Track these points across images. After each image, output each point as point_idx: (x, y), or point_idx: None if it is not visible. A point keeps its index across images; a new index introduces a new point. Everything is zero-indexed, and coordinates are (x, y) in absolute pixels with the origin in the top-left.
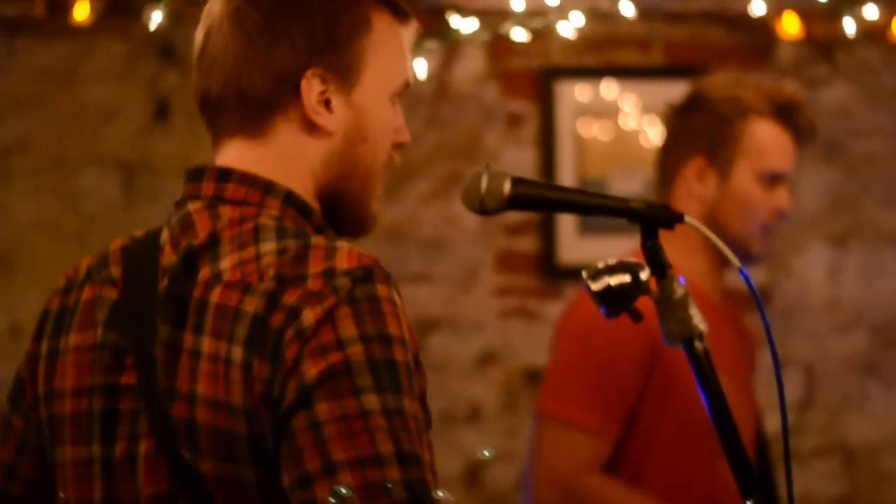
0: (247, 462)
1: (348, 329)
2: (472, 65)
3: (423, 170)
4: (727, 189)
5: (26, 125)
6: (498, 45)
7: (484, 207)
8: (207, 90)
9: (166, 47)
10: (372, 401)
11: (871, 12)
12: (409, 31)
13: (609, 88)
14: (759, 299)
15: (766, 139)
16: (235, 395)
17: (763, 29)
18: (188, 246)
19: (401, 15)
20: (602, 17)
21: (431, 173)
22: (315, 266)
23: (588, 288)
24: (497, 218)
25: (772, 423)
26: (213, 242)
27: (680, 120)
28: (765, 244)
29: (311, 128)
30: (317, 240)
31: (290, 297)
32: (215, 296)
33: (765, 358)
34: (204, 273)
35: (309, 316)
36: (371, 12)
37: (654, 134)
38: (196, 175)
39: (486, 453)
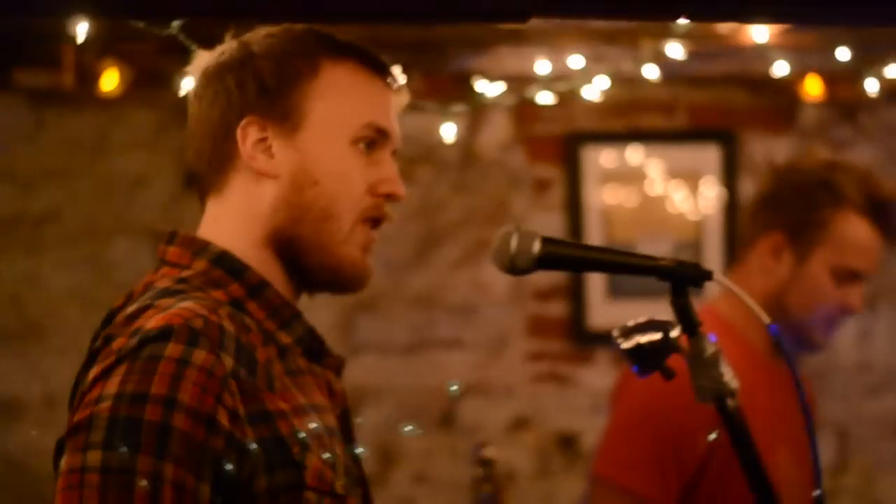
0: None
1: (111, 387)
2: (498, 130)
3: (452, 235)
4: (800, 273)
5: (57, 195)
6: (523, 111)
7: (514, 267)
8: (188, 165)
9: None
10: (93, 457)
11: (893, 72)
12: (388, 85)
13: (634, 153)
14: (790, 358)
15: (853, 235)
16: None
17: (787, 91)
18: (111, 308)
19: (371, 64)
20: (626, 81)
21: (460, 239)
22: (134, 325)
23: (619, 346)
24: (526, 283)
25: None
26: (125, 304)
27: (772, 189)
28: (826, 335)
29: (257, 175)
30: (166, 301)
31: (101, 356)
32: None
33: None
34: (104, 332)
35: (93, 372)
36: (320, 60)
37: (679, 198)
38: (160, 238)
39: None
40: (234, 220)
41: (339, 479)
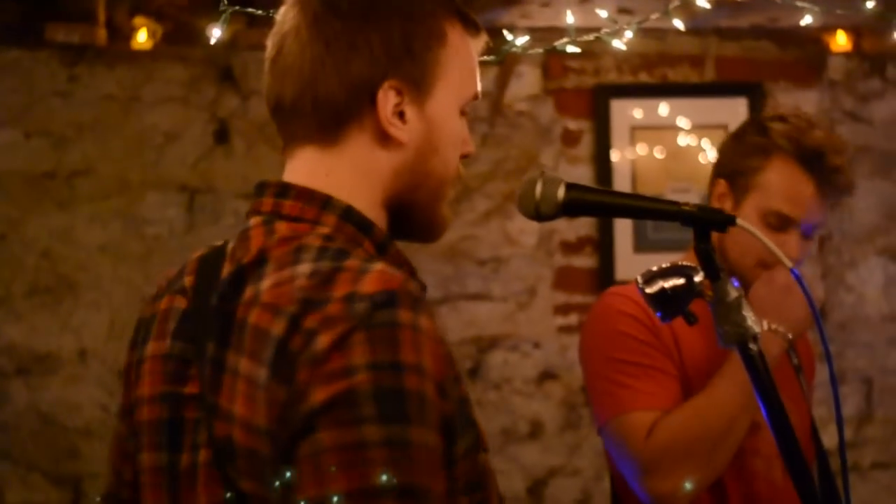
0: (271, 483)
1: (359, 356)
2: (527, 84)
3: (481, 188)
4: None
5: (90, 150)
6: (553, 64)
7: (539, 213)
8: (281, 96)
9: (226, 71)
10: (372, 432)
11: None
12: (479, 44)
13: (663, 106)
14: (812, 303)
15: (781, 180)
16: (260, 417)
17: (814, 43)
18: (238, 263)
19: (471, 27)
20: (654, 33)
21: (489, 192)
22: (340, 290)
23: (643, 291)
24: (554, 235)
25: (833, 437)
26: (260, 261)
27: (723, 140)
28: None
29: (385, 139)
30: (351, 262)
31: (310, 321)
32: (253, 316)
33: (823, 371)
34: (248, 292)
35: (322, 341)
36: (445, 24)
37: (707, 151)
38: (259, 189)
39: None
40: (353, 177)
41: (486, 436)
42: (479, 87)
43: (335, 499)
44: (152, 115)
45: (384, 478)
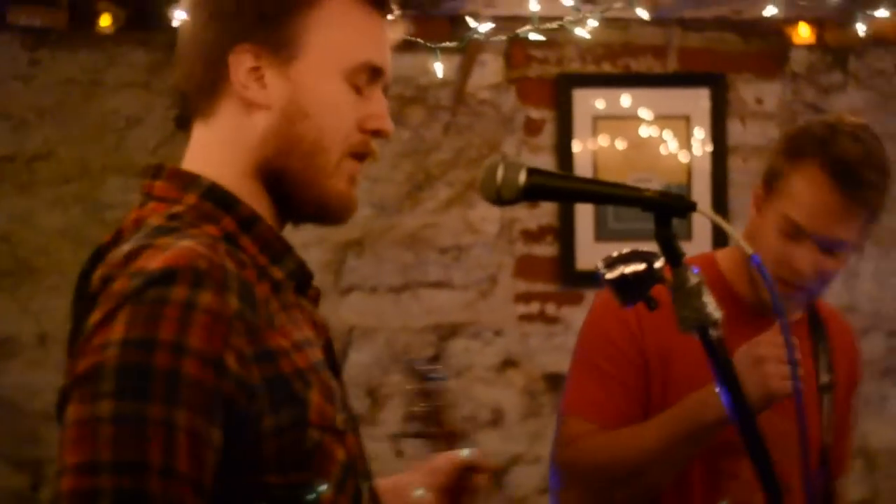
0: None
1: (116, 332)
2: (490, 72)
3: (442, 177)
4: (756, 223)
5: (50, 134)
6: (515, 53)
7: (500, 198)
8: (177, 85)
9: None
10: (105, 407)
11: (882, 16)
12: (385, 20)
13: (625, 96)
14: (773, 290)
15: (802, 189)
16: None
17: (777, 35)
18: (98, 244)
19: (373, 1)
20: (617, 23)
21: (450, 180)
22: (133, 266)
23: (602, 276)
24: (516, 224)
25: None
26: (115, 241)
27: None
28: (787, 296)
29: (247, 104)
30: (163, 240)
31: (101, 297)
32: (89, 295)
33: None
34: (96, 271)
35: (95, 315)
36: None
37: (669, 141)
38: (144, 172)
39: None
40: (222, 148)
41: (339, 414)
42: (373, 57)
43: (64, 472)
44: (114, 100)
45: (105, 453)
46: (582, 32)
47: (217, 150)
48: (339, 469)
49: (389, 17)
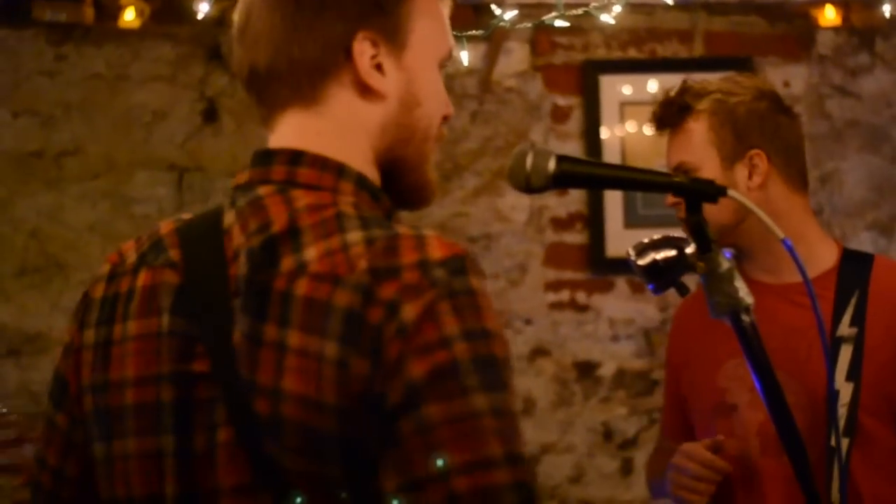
0: (334, 460)
1: (450, 325)
2: (516, 60)
3: (471, 166)
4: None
5: (78, 130)
6: (541, 40)
7: (530, 185)
8: (255, 64)
9: (214, 49)
10: (480, 401)
11: None
12: (447, 4)
13: (652, 81)
14: (804, 271)
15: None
16: (328, 393)
17: (803, 18)
18: (266, 232)
19: None
20: (642, 8)
21: (478, 169)
22: (408, 257)
23: (634, 263)
24: (545, 212)
25: None
26: (293, 230)
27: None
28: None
29: (366, 92)
30: (403, 229)
31: (386, 291)
32: (301, 288)
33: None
34: (287, 263)
35: (409, 311)
36: None
37: None
38: (265, 158)
39: None
40: (342, 136)
41: None
42: (452, 45)
43: (453, 472)
44: (140, 94)
45: (496, 448)
46: (607, 18)
47: (337, 136)
48: None
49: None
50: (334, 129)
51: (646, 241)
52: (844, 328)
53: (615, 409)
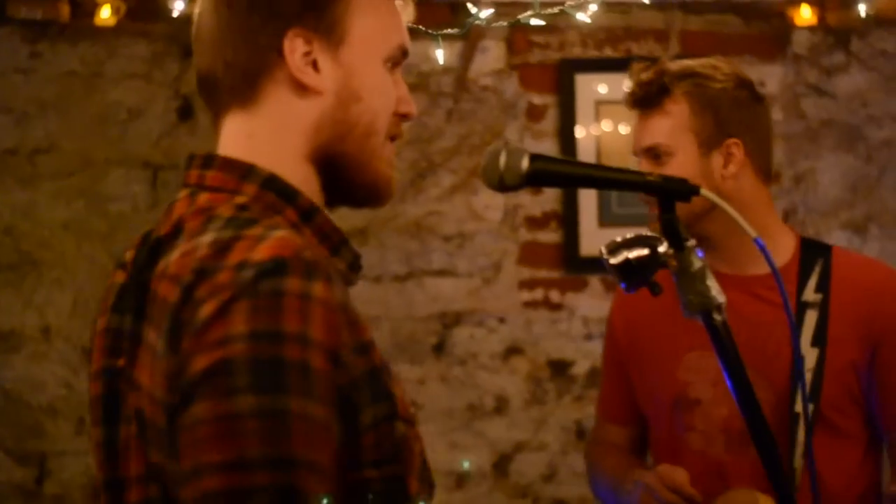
0: (170, 455)
1: (238, 325)
2: (492, 58)
3: (445, 164)
4: None
5: (52, 127)
6: (517, 39)
7: (503, 184)
8: (200, 68)
9: (189, 47)
10: (247, 402)
11: None
12: (402, 3)
13: (628, 80)
14: (776, 270)
15: None
16: (157, 387)
17: (779, 17)
18: (156, 236)
19: None
20: (618, 7)
21: (453, 167)
22: (233, 258)
23: (607, 262)
24: (519, 210)
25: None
26: (175, 232)
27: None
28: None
29: (301, 89)
30: (253, 230)
31: (201, 291)
32: (161, 288)
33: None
34: (161, 264)
35: (206, 309)
36: None
37: None
38: (189, 162)
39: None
40: (273, 136)
41: (410, 406)
42: (404, 41)
43: (206, 471)
44: (115, 92)
45: (255, 449)
46: (583, 17)
47: (266, 137)
48: (419, 461)
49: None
50: (266, 128)
51: (619, 239)
52: (810, 293)
53: (588, 408)
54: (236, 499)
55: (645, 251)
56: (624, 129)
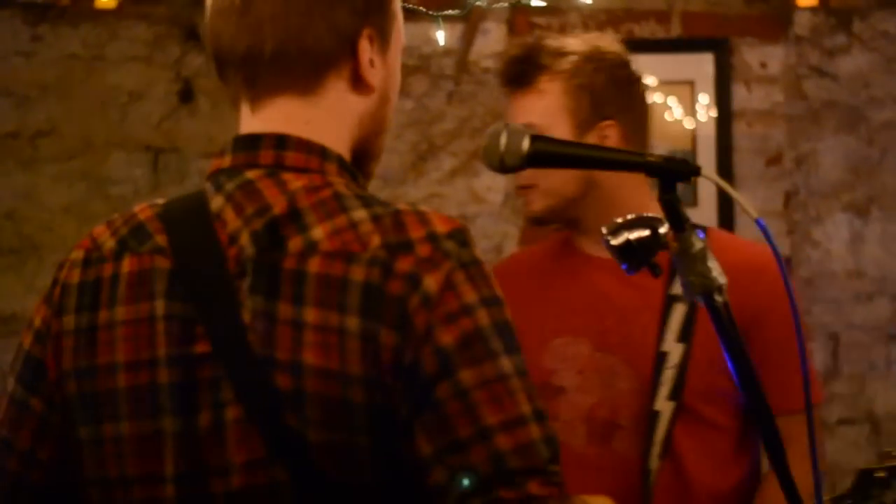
0: (362, 430)
1: (469, 294)
2: (493, 41)
3: (447, 146)
4: None
5: (53, 110)
6: (518, 21)
7: (504, 165)
8: (257, 47)
9: (190, 30)
10: (507, 363)
11: None
12: None
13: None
14: (778, 254)
15: None
16: (352, 365)
17: None
18: (269, 216)
19: None
20: None
21: (455, 150)
22: (416, 231)
23: (607, 243)
24: None
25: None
26: (293, 212)
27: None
28: (524, 201)
29: (359, 86)
30: (401, 205)
31: (403, 265)
32: (314, 266)
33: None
34: (294, 243)
35: (431, 283)
36: None
37: (674, 107)
38: (250, 142)
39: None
40: (330, 124)
41: None
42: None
43: (494, 432)
44: (116, 75)
45: (526, 406)
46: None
47: (324, 125)
48: None
49: None
50: (323, 118)
51: (619, 220)
52: (678, 286)
53: None
54: (526, 453)
55: (646, 232)
56: None
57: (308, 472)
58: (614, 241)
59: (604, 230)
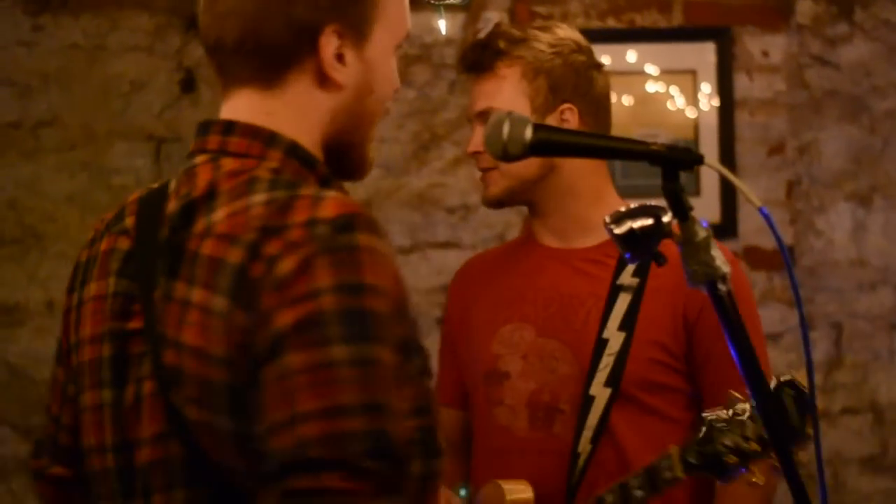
0: (224, 410)
1: (323, 278)
2: None
3: (449, 135)
4: None
5: (55, 100)
6: (520, 10)
7: (506, 153)
8: (222, 37)
9: (192, 19)
10: (340, 351)
11: None
12: None
13: (631, 52)
14: (781, 242)
15: None
16: (215, 345)
17: None
18: (188, 197)
19: None
20: None
21: (457, 139)
22: (299, 216)
23: (611, 232)
24: None
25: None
26: (210, 194)
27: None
28: (484, 181)
29: (324, 82)
30: (306, 190)
31: (270, 248)
32: (207, 247)
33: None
34: (199, 224)
35: (286, 265)
36: None
37: (676, 96)
38: (204, 128)
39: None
40: (292, 119)
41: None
42: (409, 25)
43: (303, 418)
44: (118, 65)
45: (351, 396)
46: None
47: (288, 118)
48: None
49: None
50: (286, 111)
51: (623, 209)
52: (626, 277)
53: None
54: (333, 443)
55: (649, 221)
56: (627, 100)
57: (196, 450)
58: (617, 231)
59: (607, 219)
